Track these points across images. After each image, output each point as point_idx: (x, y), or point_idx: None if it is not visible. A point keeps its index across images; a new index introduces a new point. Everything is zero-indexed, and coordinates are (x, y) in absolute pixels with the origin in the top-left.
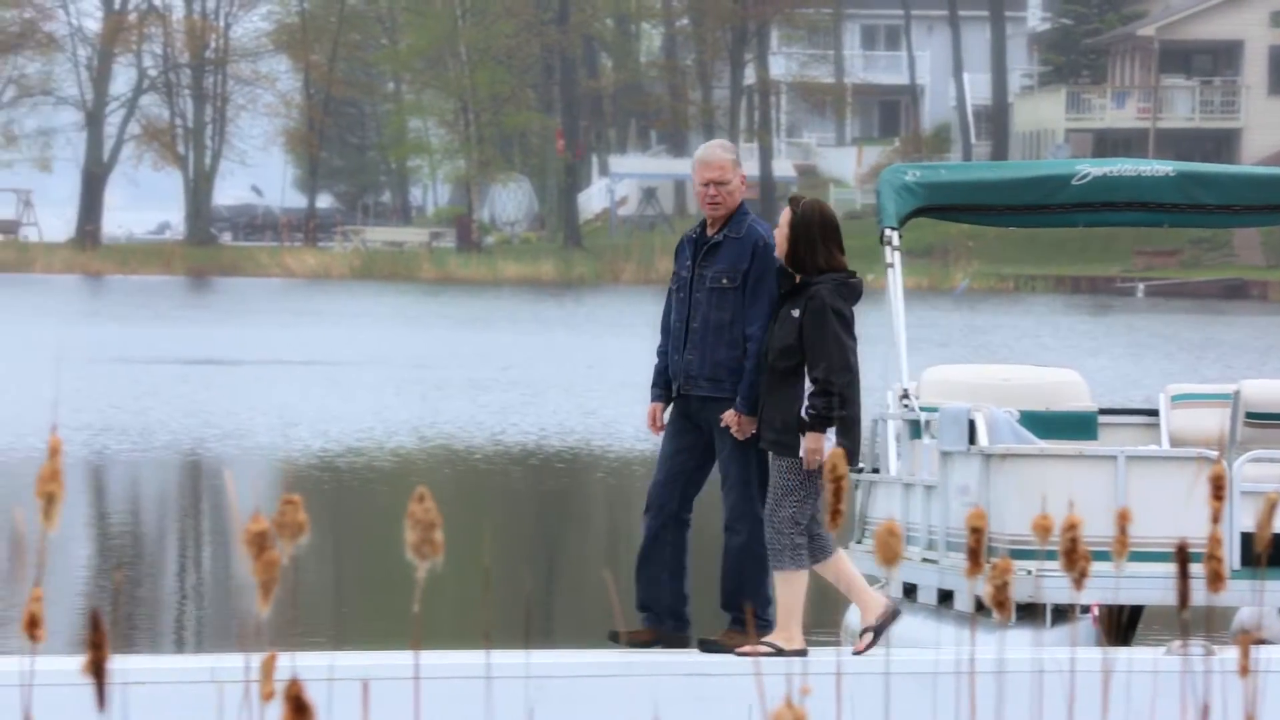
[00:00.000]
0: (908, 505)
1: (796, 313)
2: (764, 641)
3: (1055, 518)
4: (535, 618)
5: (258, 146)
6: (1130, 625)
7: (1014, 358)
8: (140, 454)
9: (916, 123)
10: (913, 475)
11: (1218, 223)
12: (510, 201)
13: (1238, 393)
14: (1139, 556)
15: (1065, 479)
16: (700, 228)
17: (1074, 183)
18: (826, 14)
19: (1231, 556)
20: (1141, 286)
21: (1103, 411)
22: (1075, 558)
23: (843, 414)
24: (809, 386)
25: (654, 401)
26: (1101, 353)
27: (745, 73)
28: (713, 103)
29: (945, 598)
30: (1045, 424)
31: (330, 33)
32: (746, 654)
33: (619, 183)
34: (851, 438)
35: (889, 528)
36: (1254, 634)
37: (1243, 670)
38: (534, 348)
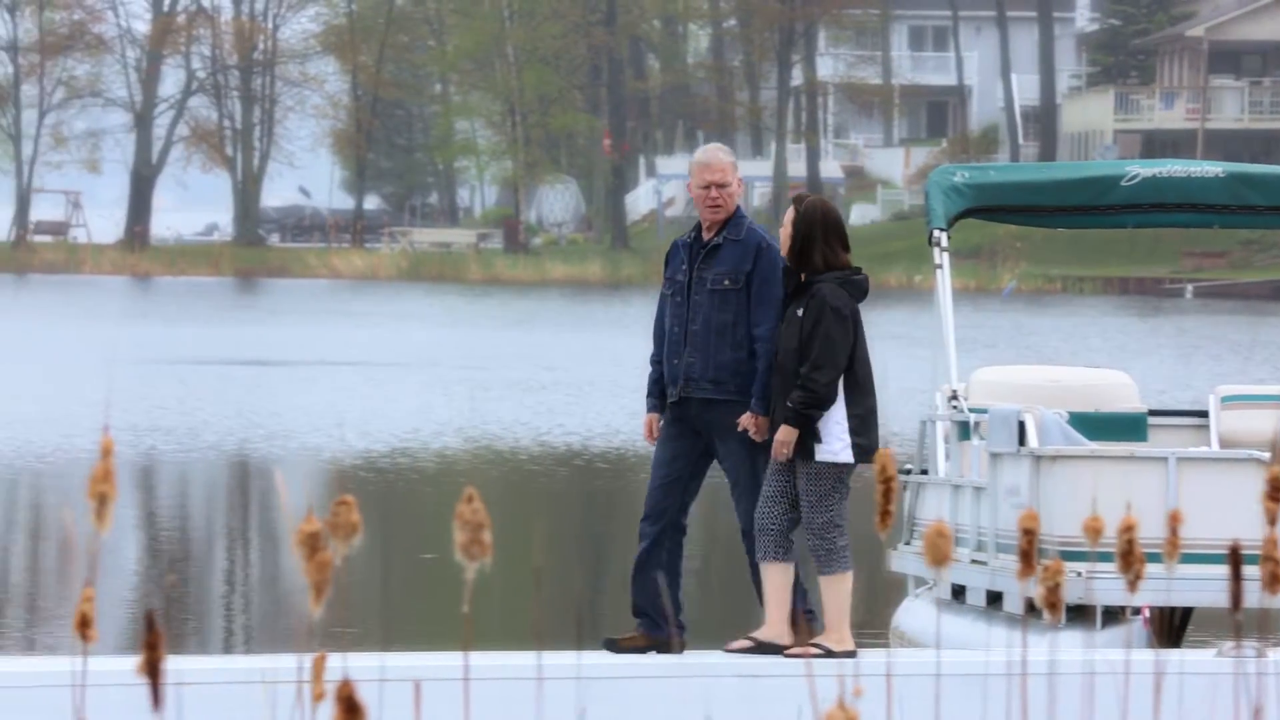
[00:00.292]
0: (957, 506)
1: (800, 312)
2: (814, 643)
3: (1106, 520)
4: (585, 618)
5: (305, 148)
6: (1180, 627)
7: (1062, 359)
8: (187, 454)
9: (964, 124)
10: (962, 477)
11: (1267, 224)
12: (557, 203)
13: None
14: (1190, 559)
15: (1116, 481)
16: (695, 232)
17: (1123, 184)
18: (874, 15)
19: None
20: (1190, 287)
21: (1152, 413)
22: (1131, 559)
23: (810, 413)
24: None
25: (650, 412)
26: (1149, 354)
27: (793, 74)
28: (760, 104)
29: (994, 599)
30: (1095, 425)
31: (378, 34)
32: (797, 655)
33: (666, 184)
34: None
35: (938, 529)
36: None
37: None
38: (581, 348)
